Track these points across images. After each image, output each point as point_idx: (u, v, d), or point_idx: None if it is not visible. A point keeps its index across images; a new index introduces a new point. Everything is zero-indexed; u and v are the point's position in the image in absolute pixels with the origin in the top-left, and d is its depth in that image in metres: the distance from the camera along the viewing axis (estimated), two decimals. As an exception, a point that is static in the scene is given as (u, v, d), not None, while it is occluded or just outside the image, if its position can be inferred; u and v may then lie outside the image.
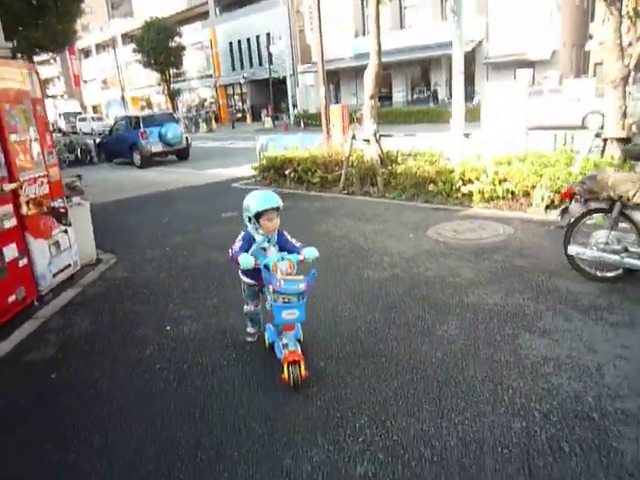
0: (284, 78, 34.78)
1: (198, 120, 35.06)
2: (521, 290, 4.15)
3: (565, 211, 4.31)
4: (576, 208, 4.21)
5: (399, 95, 32.21)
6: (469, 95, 22.33)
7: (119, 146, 17.04)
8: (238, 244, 3.12)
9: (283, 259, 2.95)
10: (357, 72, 28.21)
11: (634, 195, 3.75)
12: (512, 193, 6.89)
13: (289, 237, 3.25)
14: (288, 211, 7.49)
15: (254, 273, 3.14)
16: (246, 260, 2.95)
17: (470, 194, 7.21)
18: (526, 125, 8.22)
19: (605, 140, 6.72)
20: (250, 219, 3.10)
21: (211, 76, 42.57)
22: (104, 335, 3.95)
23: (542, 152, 7.28)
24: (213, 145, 22.66)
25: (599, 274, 4.20)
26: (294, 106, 34.73)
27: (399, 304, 4.07)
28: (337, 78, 33.81)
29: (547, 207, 6.56)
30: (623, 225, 4.11)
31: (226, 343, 3.64)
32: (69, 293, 4.83)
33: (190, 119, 35.53)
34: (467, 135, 8.85)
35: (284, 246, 3.18)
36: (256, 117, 36.17)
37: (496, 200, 7.04)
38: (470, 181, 7.25)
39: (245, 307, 3.47)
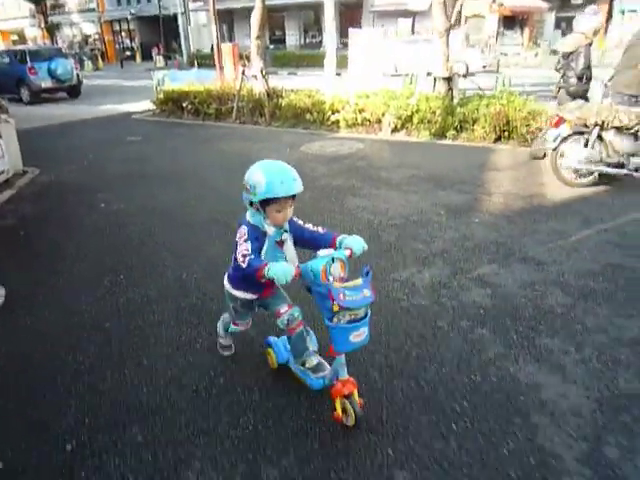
0: (175, 16, 33.95)
1: (82, 58, 33.26)
2: (356, 178, 6.06)
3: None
4: (565, 130, 5.42)
5: (292, 39, 33.10)
6: (354, 41, 24.00)
7: (2, 81, 16.52)
8: (247, 246, 2.03)
9: (334, 260, 1.99)
10: (249, 12, 28.59)
11: (610, 121, 5.25)
12: (368, 120, 8.79)
13: (299, 221, 2.28)
14: (187, 136, 8.87)
15: (256, 283, 2.15)
16: (283, 271, 1.90)
17: (337, 121, 9.02)
18: (401, 68, 10.10)
19: (435, 79, 8.78)
20: (252, 203, 2.08)
21: (94, 10, 39.97)
22: (51, 211, 5.26)
23: (392, 88, 9.19)
24: (103, 83, 22.37)
25: (576, 180, 5.51)
26: (187, 45, 34.20)
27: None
28: (231, 18, 33.76)
29: (393, 130, 8.58)
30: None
31: (146, 211, 5.12)
32: (8, 192, 5.92)
33: (73, 56, 33.58)
34: (339, 74, 10.61)
35: (300, 236, 2.23)
36: (146, 56, 35.12)
37: (357, 126, 8.92)
38: (337, 111, 9.04)
39: (233, 327, 2.53)
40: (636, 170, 5.27)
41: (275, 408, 2.35)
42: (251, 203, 2.10)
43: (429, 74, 8.90)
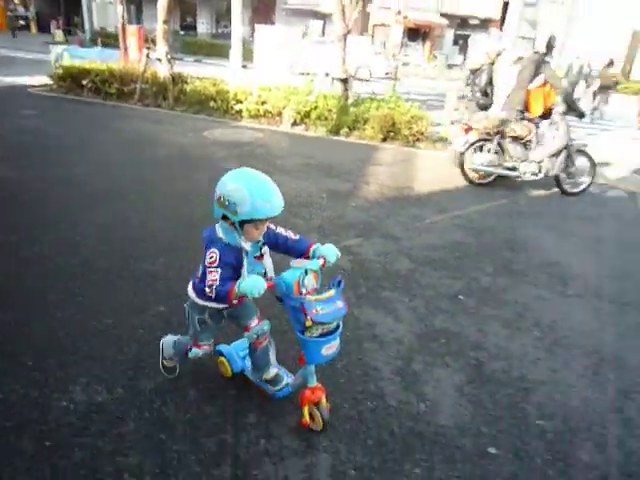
0: (78, -12, 31.94)
1: (-34, 22, 30.22)
2: (252, 162, 6.52)
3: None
4: (473, 137, 6.36)
5: (203, 27, 32.67)
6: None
7: None
8: (216, 276, 1.86)
9: (307, 272, 1.93)
10: (160, -4, 27.80)
11: (508, 131, 6.18)
12: (270, 112, 9.29)
13: (273, 226, 2.09)
14: (86, 113, 8.77)
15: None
16: (253, 285, 1.80)
17: (240, 111, 9.41)
18: (308, 67, 10.62)
19: (333, 79, 9.50)
20: (226, 218, 1.92)
21: (-19, -30, 36.31)
22: None
23: (293, 84, 9.77)
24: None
25: (478, 181, 6.49)
26: (90, 22, 32.35)
27: (170, 164, 6.10)
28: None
29: (292, 124, 9.15)
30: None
31: (40, 179, 5.22)
32: None
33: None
34: (245, 66, 10.98)
35: (274, 242, 2.08)
36: (43, 28, 32.71)
37: (259, 117, 9.38)
38: (241, 101, 9.43)
39: (195, 350, 2.23)
40: (524, 173, 6.36)
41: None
42: (224, 217, 1.91)
43: (327, 74, 9.59)
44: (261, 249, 2.04)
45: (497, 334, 3.16)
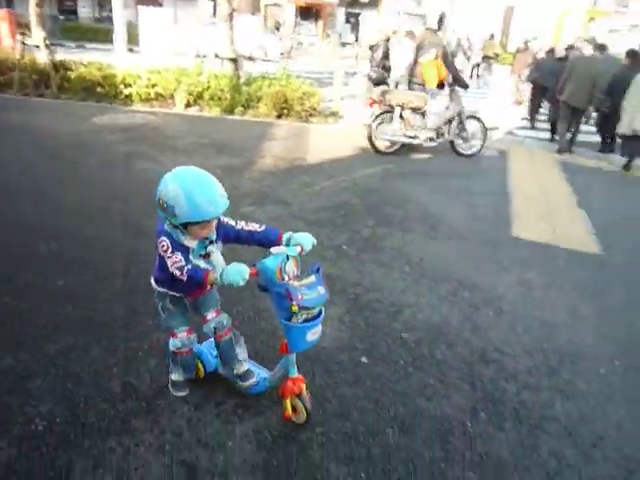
0: None
1: None
2: (145, 145, 6.55)
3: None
4: (377, 110, 6.82)
5: (84, 11, 30.65)
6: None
7: None
8: (178, 257, 1.85)
9: (288, 258, 1.91)
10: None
11: (407, 103, 6.64)
12: (161, 95, 9.21)
13: (230, 221, 2.06)
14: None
15: (180, 282, 1.92)
16: (238, 273, 1.78)
17: (130, 95, 9.23)
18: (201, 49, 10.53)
19: (222, 59, 9.60)
20: (167, 220, 1.89)
21: None
22: None
23: (183, 66, 9.72)
24: None
25: (385, 150, 7.02)
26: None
27: (59, 151, 5.98)
28: (7, -19, 29.71)
29: (186, 105, 9.15)
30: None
31: None
32: None
33: None
34: (131, 50, 10.71)
35: (235, 236, 2.05)
36: None
37: (151, 101, 9.26)
38: (129, 85, 9.24)
39: (172, 341, 2.18)
40: (424, 140, 6.99)
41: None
42: (167, 220, 1.88)
43: (216, 55, 9.66)
44: (206, 247, 1.97)
45: (373, 273, 3.64)
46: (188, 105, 9.17)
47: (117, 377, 2.43)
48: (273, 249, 1.94)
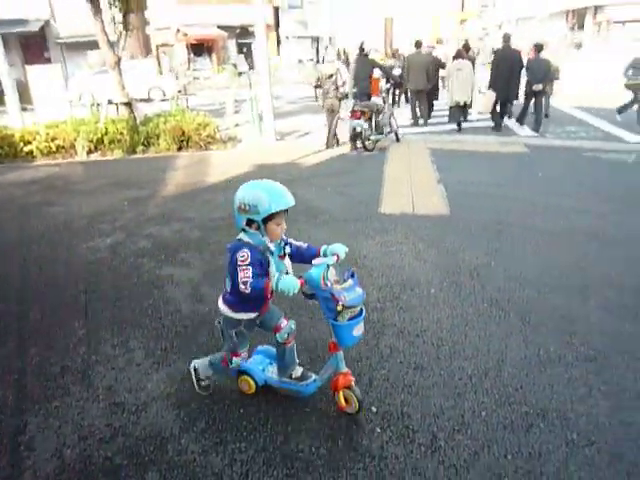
0: None
1: None
2: (52, 194, 7.03)
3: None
4: (363, 119, 8.59)
5: (-32, 76, 29.62)
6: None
7: None
8: (249, 273, 2.11)
9: (328, 267, 2.21)
10: None
11: (378, 110, 8.64)
12: (62, 147, 9.63)
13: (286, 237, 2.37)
14: None
15: (257, 301, 2.32)
16: (291, 284, 2.08)
17: (32, 151, 9.57)
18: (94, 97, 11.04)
19: (117, 105, 10.20)
20: (252, 222, 2.18)
21: None
22: None
23: (79, 116, 10.20)
24: None
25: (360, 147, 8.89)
26: None
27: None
28: None
29: (88, 152, 9.62)
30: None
31: None
32: None
33: None
34: (25, 108, 11.02)
35: (295, 251, 2.36)
36: None
37: (53, 154, 9.65)
38: (29, 142, 9.59)
39: (235, 360, 2.49)
40: (387, 134, 9.22)
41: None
42: (249, 224, 2.19)
43: (110, 102, 10.25)
44: (284, 249, 2.30)
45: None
46: (90, 152, 9.65)
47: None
48: (314, 261, 2.23)
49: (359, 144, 8.94)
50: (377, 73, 10.30)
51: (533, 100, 10.08)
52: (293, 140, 10.67)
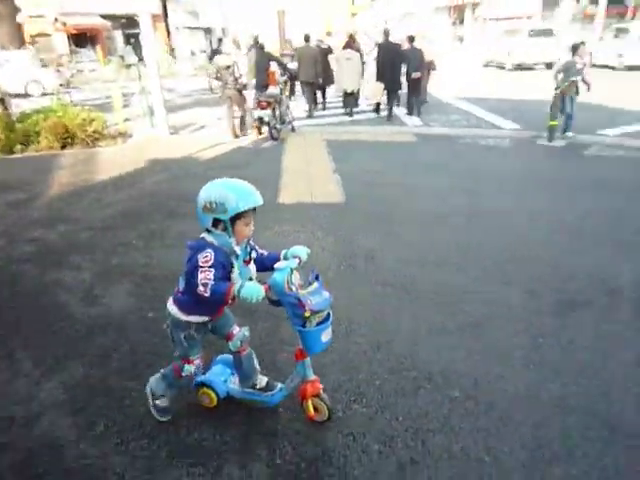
0: None
1: None
2: None
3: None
4: (268, 110, 8.87)
5: None
6: None
7: None
8: (211, 275, 1.99)
9: (292, 270, 2.09)
10: None
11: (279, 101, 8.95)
12: None
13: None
14: None
15: (213, 305, 2.19)
16: (255, 291, 1.97)
17: None
18: None
19: None
20: (219, 223, 2.07)
21: None
22: None
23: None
24: None
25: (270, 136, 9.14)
26: None
27: None
28: None
29: None
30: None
31: None
32: None
33: None
34: None
35: (258, 258, 2.26)
36: None
37: None
38: None
39: (187, 367, 2.30)
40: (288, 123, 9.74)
41: None
42: (215, 224, 2.07)
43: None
44: (249, 253, 2.19)
45: (159, 255, 4.36)
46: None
47: None
48: (276, 265, 2.10)
49: (266, 131, 9.23)
50: (274, 66, 10.39)
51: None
52: (188, 134, 10.43)
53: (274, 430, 2.38)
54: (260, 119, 9.06)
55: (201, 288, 1.98)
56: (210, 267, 1.99)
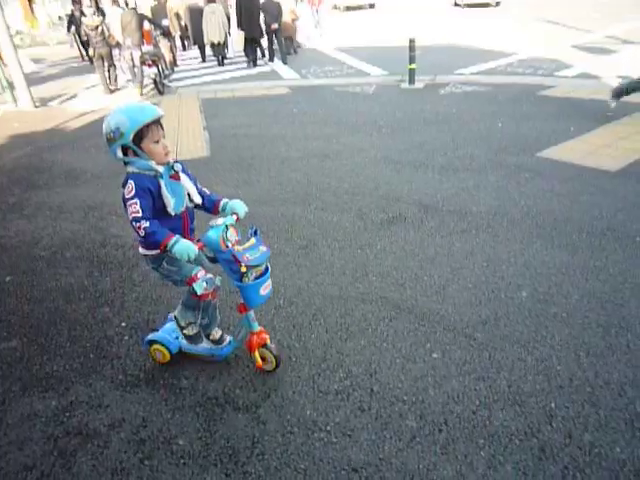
0: None
1: None
2: None
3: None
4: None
5: None
6: None
7: None
8: (136, 206, 1.94)
9: (227, 227, 2.09)
10: None
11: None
12: None
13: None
14: None
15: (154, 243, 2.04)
16: (187, 248, 1.96)
17: None
18: None
19: None
20: (127, 148, 1.99)
21: None
22: None
23: None
24: None
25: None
26: None
27: None
28: None
29: None
30: None
31: None
32: None
33: None
34: None
35: (199, 189, 2.24)
36: None
37: None
38: None
39: (197, 285, 2.20)
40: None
41: None
42: (125, 152, 1.99)
43: None
44: (173, 167, 2.08)
45: (17, 220, 4.41)
46: None
47: None
48: (212, 222, 2.09)
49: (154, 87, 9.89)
50: (147, 25, 10.25)
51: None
52: (57, 105, 9.96)
53: (119, 354, 2.72)
54: (151, 76, 9.61)
55: (134, 224, 1.95)
56: (133, 197, 1.94)
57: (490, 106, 7.24)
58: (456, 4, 25.54)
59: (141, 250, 2.22)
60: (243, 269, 2.06)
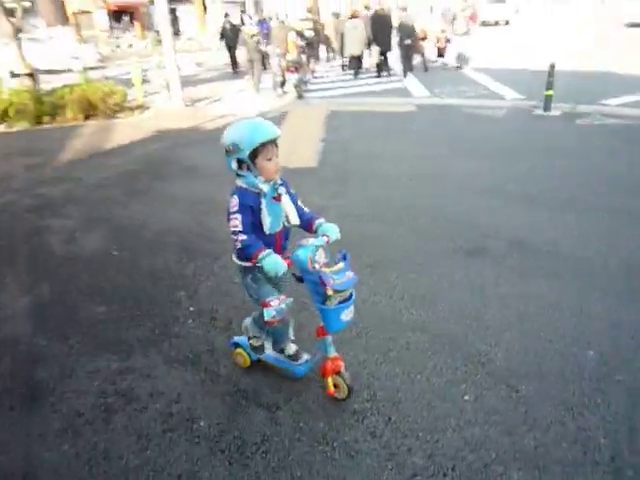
0: None
1: None
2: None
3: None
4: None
5: None
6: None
7: None
8: (237, 221, 2.09)
9: (316, 248, 2.11)
10: None
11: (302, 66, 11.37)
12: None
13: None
14: None
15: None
16: (276, 264, 2.05)
17: None
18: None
19: (20, 76, 10.26)
20: (242, 162, 2.10)
21: None
22: None
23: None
24: None
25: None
26: None
27: None
28: None
29: None
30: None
31: None
32: None
33: None
34: None
35: (298, 208, 2.27)
36: None
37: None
38: None
39: (267, 311, 2.24)
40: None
41: None
42: (240, 165, 2.10)
43: (12, 73, 10.28)
44: (277, 190, 2.17)
45: (137, 208, 5.07)
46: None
47: None
48: (302, 241, 2.12)
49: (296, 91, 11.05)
50: (292, 36, 11.33)
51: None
52: (203, 106, 11.09)
53: (179, 334, 3.03)
54: (296, 82, 10.89)
55: (233, 237, 2.09)
56: (236, 212, 2.08)
57: (633, 144, 6.54)
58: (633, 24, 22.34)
59: (234, 259, 2.32)
60: (329, 292, 2.06)
